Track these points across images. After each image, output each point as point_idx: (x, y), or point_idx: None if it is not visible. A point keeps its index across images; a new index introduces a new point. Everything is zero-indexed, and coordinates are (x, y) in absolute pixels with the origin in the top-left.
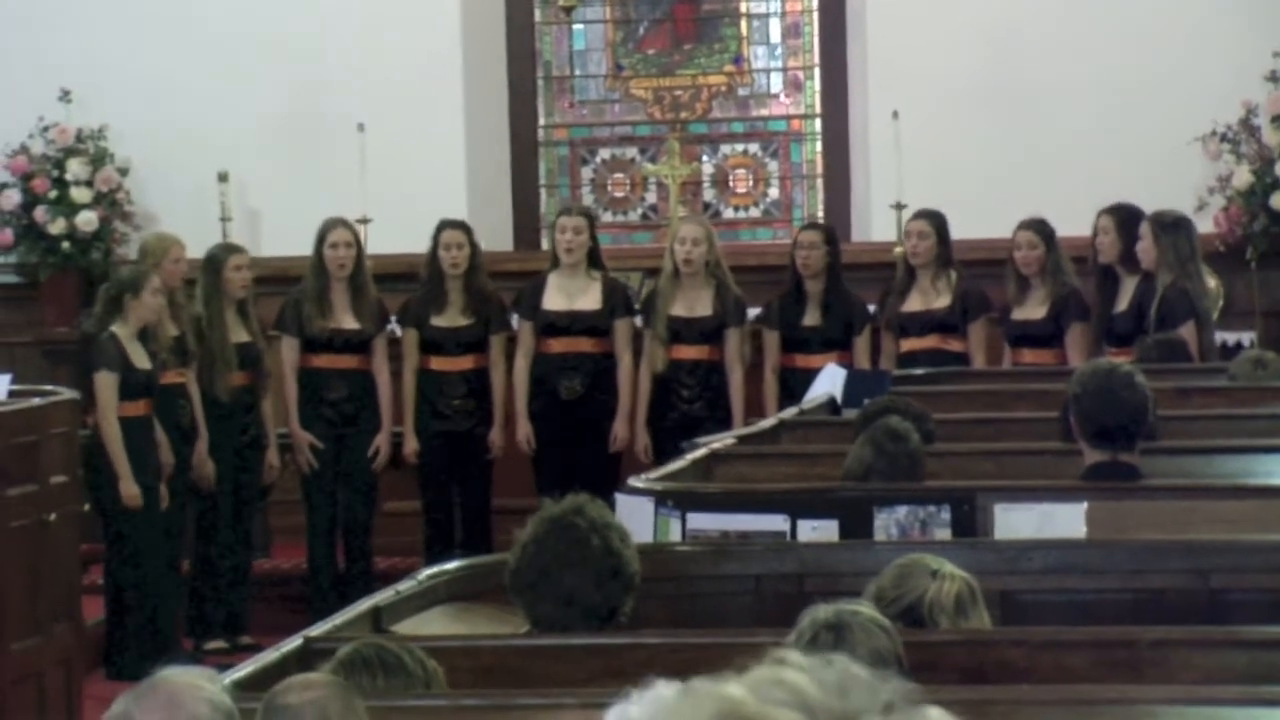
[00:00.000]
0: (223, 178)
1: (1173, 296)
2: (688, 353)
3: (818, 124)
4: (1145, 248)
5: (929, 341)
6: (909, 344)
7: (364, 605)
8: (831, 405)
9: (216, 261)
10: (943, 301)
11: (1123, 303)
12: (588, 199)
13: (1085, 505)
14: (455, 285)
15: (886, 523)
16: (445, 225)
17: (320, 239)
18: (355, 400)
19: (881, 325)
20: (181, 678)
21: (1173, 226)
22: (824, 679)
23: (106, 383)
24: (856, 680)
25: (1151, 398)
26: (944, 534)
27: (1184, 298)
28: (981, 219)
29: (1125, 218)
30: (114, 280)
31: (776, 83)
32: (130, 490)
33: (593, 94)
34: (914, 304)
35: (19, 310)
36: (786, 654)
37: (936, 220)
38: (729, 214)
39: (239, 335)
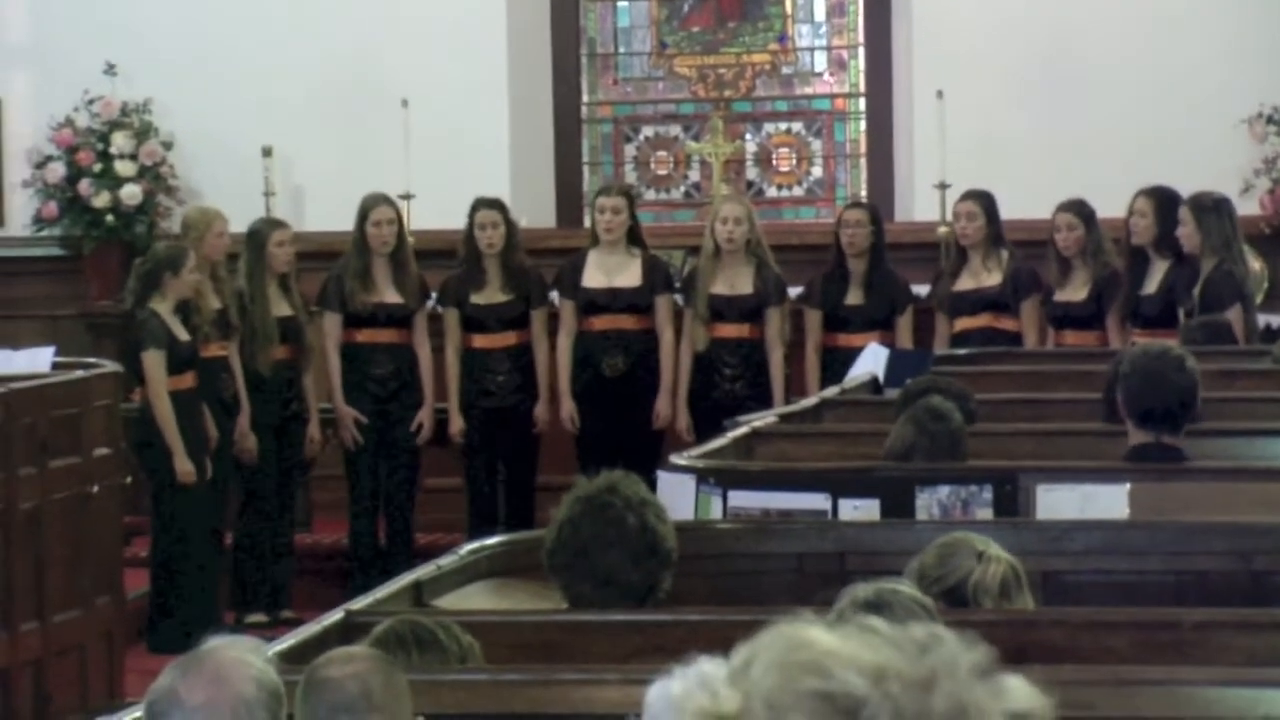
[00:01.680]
0: (267, 152)
1: (1218, 279)
2: (729, 331)
3: (861, 103)
4: (1188, 233)
5: (981, 320)
6: (961, 323)
7: (405, 580)
8: (874, 384)
9: (260, 236)
10: (994, 280)
11: (1151, 285)
12: (630, 176)
13: (1128, 486)
14: (493, 263)
15: (928, 502)
16: (480, 204)
17: (363, 216)
18: (399, 376)
19: (934, 305)
20: (229, 652)
21: (1213, 209)
22: (905, 637)
23: (155, 360)
24: (940, 641)
25: (1200, 383)
26: (985, 514)
27: (1229, 280)
28: (1026, 200)
29: (1164, 200)
30: (151, 256)
31: (820, 61)
32: (185, 467)
33: (636, 71)
34: (965, 283)
35: (63, 283)
36: (867, 617)
37: (985, 200)
38: (772, 193)
39: (281, 309)
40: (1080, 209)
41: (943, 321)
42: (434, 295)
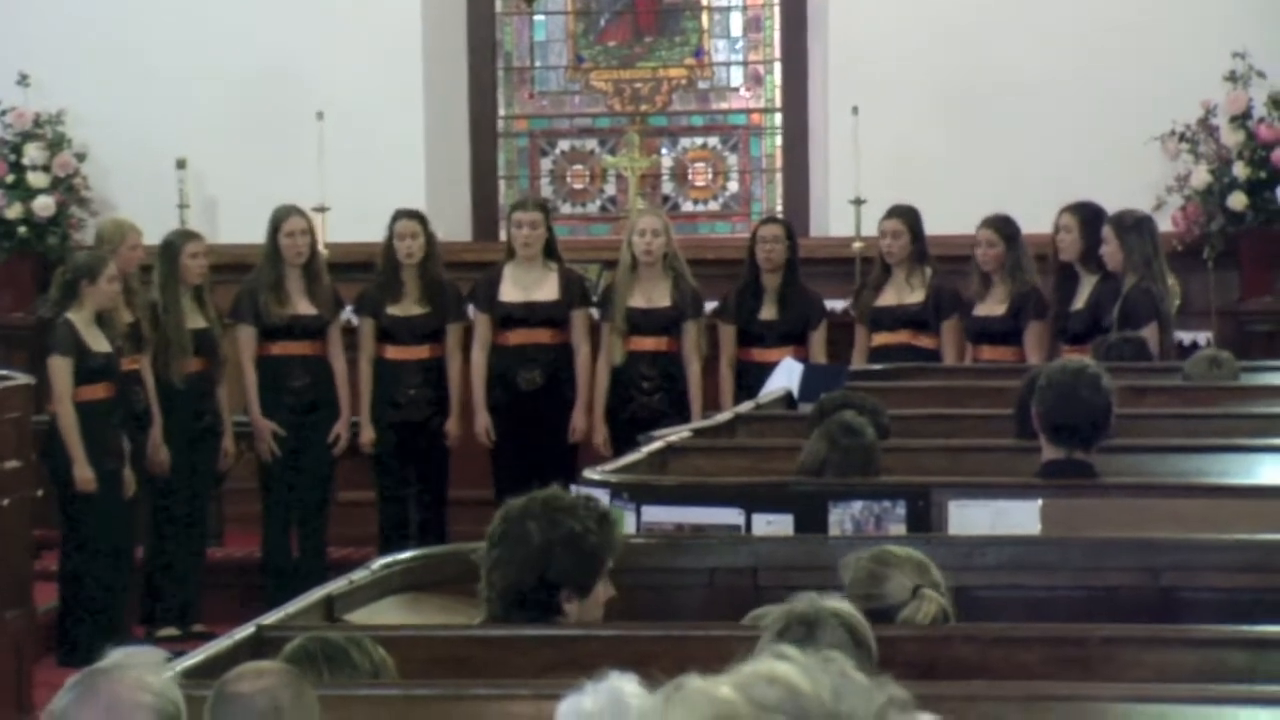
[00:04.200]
0: (181, 164)
1: (1136, 297)
2: (646, 344)
3: (777, 118)
4: (1111, 251)
5: (900, 337)
6: (880, 338)
7: (317, 594)
8: (787, 399)
9: (173, 248)
10: (916, 297)
11: (1079, 301)
12: (547, 190)
13: (1039, 502)
14: (411, 275)
15: (841, 517)
16: (400, 215)
17: (275, 227)
18: (315, 388)
19: (855, 318)
20: (127, 675)
21: (1135, 227)
22: (819, 679)
23: (60, 367)
24: (852, 683)
25: (1114, 402)
26: (898, 529)
27: (1147, 298)
28: (940, 216)
29: (1088, 216)
30: (70, 265)
31: (737, 76)
32: (84, 474)
33: (553, 85)
34: (887, 299)
35: None
36: (783, 648)
37: (910, 217)
38: (688, 207)
39: (195, 321)
40: (1003, 226)
41: (862, 334)
42: (349, 306)
